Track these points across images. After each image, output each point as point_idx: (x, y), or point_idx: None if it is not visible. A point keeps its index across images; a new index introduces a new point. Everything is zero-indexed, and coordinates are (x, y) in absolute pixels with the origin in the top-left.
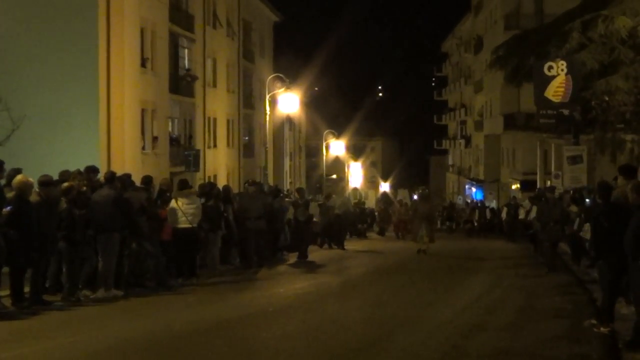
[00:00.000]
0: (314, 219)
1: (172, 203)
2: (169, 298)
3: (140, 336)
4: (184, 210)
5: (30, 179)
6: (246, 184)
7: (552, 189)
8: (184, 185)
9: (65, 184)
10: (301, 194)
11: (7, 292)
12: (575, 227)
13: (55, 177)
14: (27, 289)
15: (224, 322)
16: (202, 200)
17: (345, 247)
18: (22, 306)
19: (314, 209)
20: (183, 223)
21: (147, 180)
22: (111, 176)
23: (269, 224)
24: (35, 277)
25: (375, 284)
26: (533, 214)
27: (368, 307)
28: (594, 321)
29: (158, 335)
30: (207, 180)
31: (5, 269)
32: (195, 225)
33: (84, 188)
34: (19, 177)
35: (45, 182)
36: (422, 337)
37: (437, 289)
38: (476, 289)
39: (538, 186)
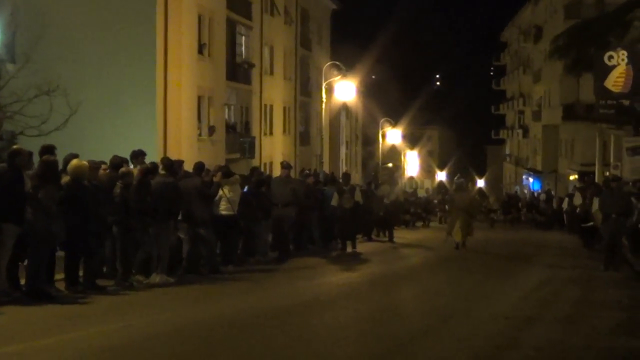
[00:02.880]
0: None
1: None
2: (221, 285)
3: (192, 323)
4: (229, 197)
5: (85, 163)
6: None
7: (617, 178)
8: (229, 173)
9: (123, 169)
10: (346, 179)
11: (61, 276)
12: (635, 219)
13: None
14: (80, 273)
15: (276, 310)
16: (246, 187)
17: (394, 240)
18: (76, 290)
19: (358, 196)
20: (227, 210)
21: (199, 166)
22: (168, 163)
23: (320, 212)
24: (89, 262)
25: (428, 274)
26: (595, 206)
27: (421, 297)
28: None
29: (210, 322)
30: (261, 168)
31: (60, 253)
32: (236, 212)
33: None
34: (74, 162)
35: (96, 166)
36: (476, 328)
37: (491, 281)
38: (532, 281)
39: (596, 177)
